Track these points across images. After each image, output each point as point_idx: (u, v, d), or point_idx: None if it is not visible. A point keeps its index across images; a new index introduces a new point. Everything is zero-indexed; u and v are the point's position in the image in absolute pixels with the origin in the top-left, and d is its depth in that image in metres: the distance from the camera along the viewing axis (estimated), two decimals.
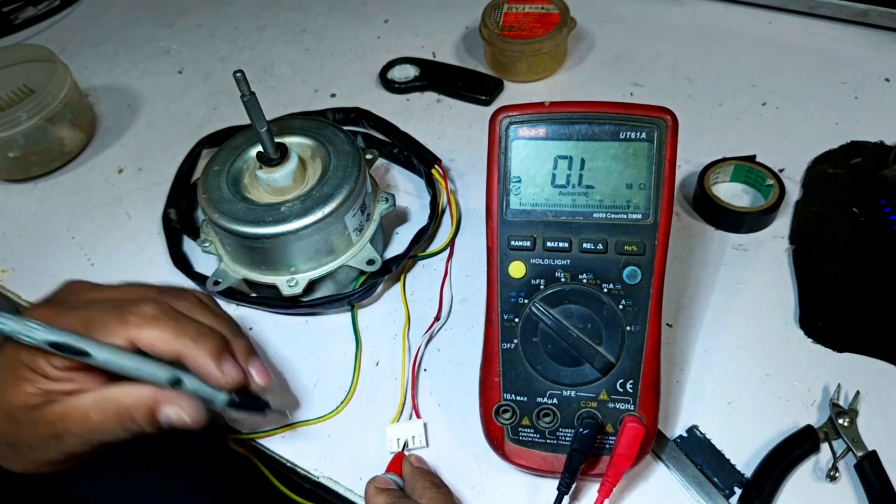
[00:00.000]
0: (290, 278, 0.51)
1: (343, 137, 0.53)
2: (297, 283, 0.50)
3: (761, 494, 0.41)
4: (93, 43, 0.83)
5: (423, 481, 0.41)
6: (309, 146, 0.54)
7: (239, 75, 0.44)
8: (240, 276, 0.52)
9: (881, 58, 0.69)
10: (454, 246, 0.57)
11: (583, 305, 0.41)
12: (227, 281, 0.52)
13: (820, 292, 0.51)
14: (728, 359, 0.48)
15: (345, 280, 0.53)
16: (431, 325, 0.51)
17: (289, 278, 0.51)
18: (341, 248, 0.52)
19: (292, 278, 0.51)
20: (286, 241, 0.48)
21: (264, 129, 0.47)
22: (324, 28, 0.81)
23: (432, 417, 0.47)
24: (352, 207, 0.50)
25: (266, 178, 0.50)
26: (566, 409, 0.41)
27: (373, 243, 0.53)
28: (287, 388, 0.49)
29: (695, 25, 0.75)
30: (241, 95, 0.45)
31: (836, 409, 0.44)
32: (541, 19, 0.69)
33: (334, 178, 0.50)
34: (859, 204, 0.56)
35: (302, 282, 0.51)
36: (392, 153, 0.64)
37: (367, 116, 0.67)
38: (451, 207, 0.58)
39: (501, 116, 0.42)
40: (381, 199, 0.55)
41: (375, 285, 0.52)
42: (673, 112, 0.40)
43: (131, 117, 0.73)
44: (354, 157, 0.51)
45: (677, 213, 0.57)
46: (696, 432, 0.45)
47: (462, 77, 0.71)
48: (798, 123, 0.63)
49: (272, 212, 0.49)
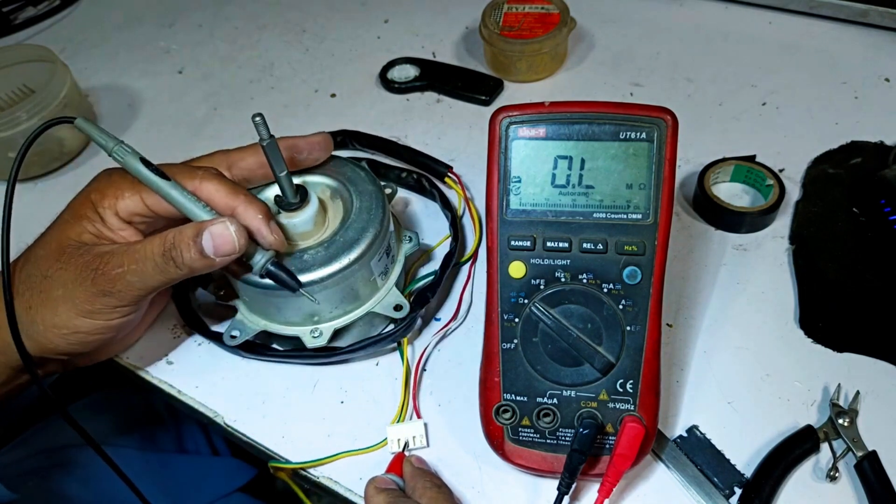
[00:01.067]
0: (314, 328, 0.48)
1: (364, 176, 0.50)
2: (322, 334, 0.47)
3: (761, 494, 0.41)
4: (93, 43, 0.83)
5: (424, 481, 0.41)
6: (328, 186, 0.51)
7: (258, 119, 0.42)
8: (259, 328, 0.49)
9: (881, 58, 0.69)
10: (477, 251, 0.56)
11: (583, 305, 0.41)
12: (245, 333, 0.49)
13: (820, 292, 0.51)
14: (728, 359, 0.48)
15: (369, 325, 0.51)
16: (445, 326, 0.51)
17: (312, 328, 0.48)
18: (366, 294, 0.49)
19: (316, 328, 0.48)
20: (310, 290, 0.45)
21: (284, 174, 0.44)
22: (324, 28, 0.81)
23: (432, 417, 0.47)
24: (378, 252, 0.47)
25: (286, 224, 0.46)
26: (566, 409, 0.41)
27: (397, 285, 0.50)
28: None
29: (695, 25, 0.75)
30: (261, 140, 0.42)
31: (836, 409, 0.44)
32: (541, 19, 0.69)
33: (358, 222, 0.47)
34: (859, 204, 0.56)
35: (327, 332, 0.48)
36: (400, 178, 0.61)
37: (355, 137, 0.64)
38: (471, 215, 0.58)
39: (501, 116, 0.42)
40: (404, 238, 0.52)
41: (414, 319, 0.49)
42: (673, 112, 0.40)
43: (131, 117, 0.73)
44: (377, 196, 0.48)
45: (677, 213, 0.57)
46: (696, 432, 0.45)
47: (462, 77, 0.71)
48: (798, 123, 0.63)
49: (294, 260, 0.45)
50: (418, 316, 0.50)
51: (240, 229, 0.41)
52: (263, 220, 0.42)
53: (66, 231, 0.43)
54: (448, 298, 0.54)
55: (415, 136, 0.66)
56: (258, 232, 0.42)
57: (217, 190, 0.42)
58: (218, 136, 0.69)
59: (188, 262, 0.40)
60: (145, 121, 0.72)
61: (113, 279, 0.40)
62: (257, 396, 0.49)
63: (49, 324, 0.41)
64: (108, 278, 0.40)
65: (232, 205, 0.42)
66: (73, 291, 0.41)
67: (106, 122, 0.72)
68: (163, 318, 0.54)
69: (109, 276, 0.40)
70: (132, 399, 0.71)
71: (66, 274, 0.41)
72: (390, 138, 0.64)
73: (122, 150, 0.42)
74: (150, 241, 0.41)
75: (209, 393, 0.50)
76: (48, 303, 0.41)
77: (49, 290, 0.41)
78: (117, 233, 0.43)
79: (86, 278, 0.41)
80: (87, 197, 0.43)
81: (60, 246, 0.42)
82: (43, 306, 0.42)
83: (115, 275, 0.40)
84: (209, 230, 0.40)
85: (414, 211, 0.60)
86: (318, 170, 0.51)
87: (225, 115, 0.72)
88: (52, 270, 0.42)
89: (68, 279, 0.41)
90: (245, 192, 0.43)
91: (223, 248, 0.40)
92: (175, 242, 0.40)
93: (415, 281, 0.54)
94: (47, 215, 0.64)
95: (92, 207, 0.43)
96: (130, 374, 0.52)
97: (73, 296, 0.41)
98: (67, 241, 0.42)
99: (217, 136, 0.69)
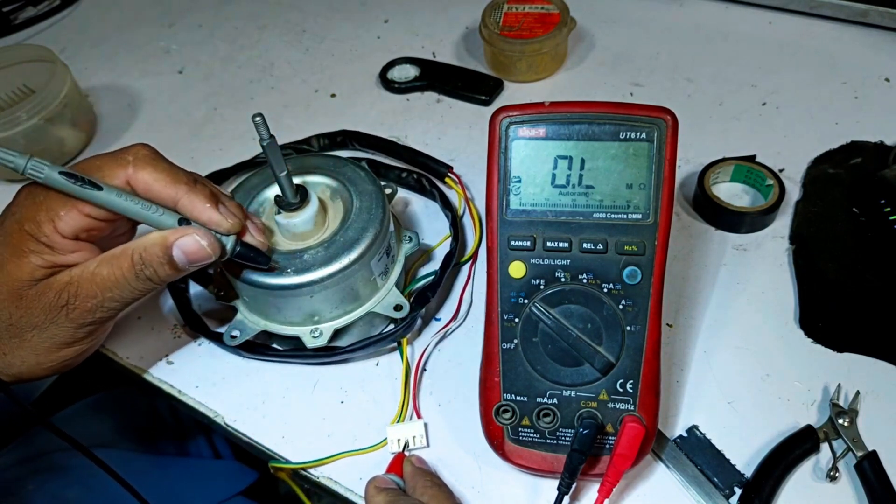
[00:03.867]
0: (314, 328, 0.48)
1: (364, 176, 0.50)
2: (322, 334, 0.48)
3: (761, 494, 0.41)
4: (93, 43, 0.83)
5: (424, 481, 0.41)
6: (328, 186, 0.51)
7: (258, 119, 0.41)
8: (259, 328, 0.49)
9: (881, 58, 0.69)
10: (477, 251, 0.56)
11: (583, 305, 0.41)
12: (245, 333, 0.49)
13: (820, 292, 0.51)
14: (728, 359, 0.48)
15: (369, 325, 0.51)
16: (446, 326, 0.51)
17: (312, 328, 0.48)
18: (366, 294, 0.49)
19: (316, 328, 0.48)
20: (310, 290, 0.45)
21: (284, 174, 0.44)
22: (324, 28, 0.81)
23: (432, 417, 0.47)
24: (378, 252, 0.47)
25: (286, 224, 0.46)
26: (566, 409, 0.41)
27: (397, 285, 0.50)
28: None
29: (695, 25, 0.75)
30: (261, 140, 0.42)
31: (836, 409, 0.44)
32: (541, 19, 0.69)
33: (358, 222, 0.47)
34: (859, 204, 0.56)
35: (327, 332, 0.48)
36: (400, 177, 0.61)
37: (355, 138, 0.64)
38: (471, 215, 0.58)
39: (501, 116, 0.42)
40: (404, 238, 0.52)
41: (414, 319, 0.49)
42: (673, 112, 0.40)
43: (131, 117, 0.73)
44: (377, 197, 0.49)
45: (677, 213, 0.57)
46: (696, 432, 0.45)
47: (462, 77, 0.71)
48: (798, 123, 0.63)
49: (294, 260, 0.45)
50: (418, 316, 0.50)
51: (208, 235, 0.39)
52: (212, 207, 0.39)
53: (13, 273, 0.37)
54: (448, 298, 0.54)
55: (415, 136, 0.66)
56: (210, 220, 0.39)
57: (155, 180, 0.38)
58: (218, 136, 0.69)
59: (163, 277, 0.39)
60: (145, 121, 0.72)
61: (90, 310, 0.38)
62: (257, 396, 0.49)
63: (31, 362, 0.39)
64: (85, 310, 0.38)
65: (174, 196, 0.39)
66: (49, 330, 0.38)
67: (106, 122, 0.72)
68: (163, 318, 0.54)
69: (85, 309, 0.38)
70: (137, 401, 0.71)
71: (34, 317, 0.38)
72: (390, 138, 0.64)
73: (38, 165, 0.36)
74: (117, 264, 0.38)
75: (209, 393, 0.50)
76: (23, 345, 0.39)
77: (19, 333, 0.39)
78: (70, 256, 0.38)
79: (57, 316, 0.38)
80: (21, 229, 0.37)
81: (13, 290, 0.38)
82: (19, 349, 0.39)
83: (91, 306, 0.38)
84: (177, 245, 0.38)
85: (414, 211, 0.60)
86: (319, 170, 0.51)
87: (225, 115, 0.72)
88: (14, 317, 0.38)
89: (38, 321, 0.38)
90: (185, 176, 0.39)
91: (196, 257, 0.39)
92: (145, 261, 0.38)
93: (415, 281, 0.54)
94: None
95: (32, 238, 0.37)
96: (130, 375, 0.52)
97: (51, 334, 0.39)
98: (19, 284, 0.37)
99: (217, 136, 0.69)
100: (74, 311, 0.38)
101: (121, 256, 0.38)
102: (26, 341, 0.39)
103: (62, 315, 0.38)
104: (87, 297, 0.38)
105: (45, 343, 0.39)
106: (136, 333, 0.53)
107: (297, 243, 0.47)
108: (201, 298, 0.55)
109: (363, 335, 0.50)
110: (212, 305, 0.54)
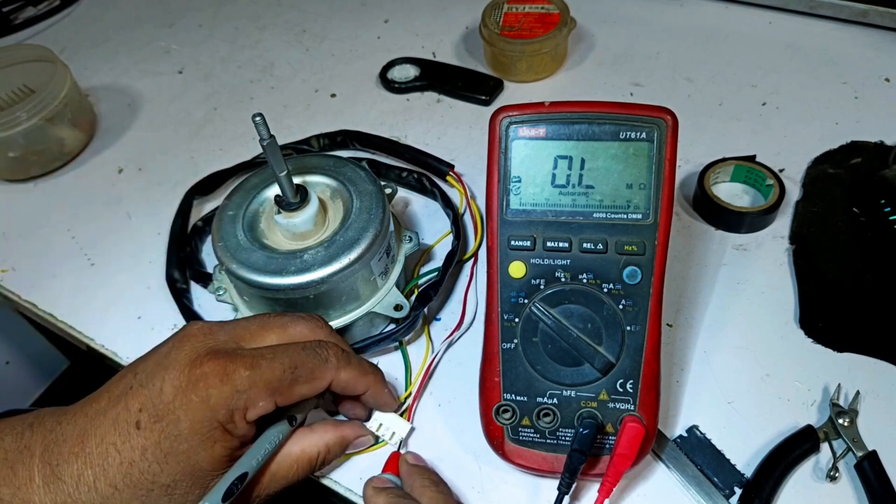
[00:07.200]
0: None
1: (364, 176, 0.50)
2: None
3: (761, 494, 0.41)
4: (93, 43, 0.83)
5: (422, 479, 0.41)
6: (328, 186, 0.51)
7: (259, 119, 0.41)
8: None
9: (881, 58, 0.69)
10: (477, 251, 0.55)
11: (583, 305, 0.41)
12: None
13: (820, 292, 0.51)
14: (728, 359, 0.48)
15: (370, 325, 0.51)
16: (452, 333, 0.50)
17: None
18: (366, 294, 0.48)
19: None
20: (310, 290, 0.45)
21: (284, 174, 0.44)
22: (324, 28, 0.81)
23: (432, 417, 0.47)
24: (378, 251, 0.47)
25: (286, 224, 0.46)
26: (566, 409, 0.41)
27: (397, 285, 0.50)
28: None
29: (695, 25, 0.75)
30: (261, 139, 0.42)
31: (836, 409, 0.44)
32: (541, 19, 0.69)
33: (358, 222, 0.47)
34: (859, 204, 0.56)
35: None
36: (401, 177, 0.61)
37: (355, 137, 0.64)
38: (472, 214, 0.57)
39: (501, 116, 0.42)
40: (404, 238, 0.52)
41: (416, 319, 0.49)
42: (673, 112, 0.40)
43: (131, 117, 0.73)
44: (377, 196, 0.48)
45: (677, 213, 0.57)
46: (696, 432, 0.45)
47: (462, 77, 0.71)
48: (798, 123, 0.63)
49: (294, 260, 0.45)
50: (419, 315, 0.50)
51: (368, 429, 0.44)
52: (389, 393, 0.44)
53: (203, 465, 0.36)
54: (449, 299, 0.54)
55: (415, 136, 0.66)
56: (388, 404, 0.45)
57: (353, 377, 0.41)
58: (218, 136, 0.69)
59: (331, 460, 0.42)
60: (145, 121, 0.72)
61: (252, 499, 0.39)
62: None
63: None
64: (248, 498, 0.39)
65: (367, 385, 0.42)
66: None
67: (106, 122, 0.72)
68: (163, 318, 0.54)
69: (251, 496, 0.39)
70: None
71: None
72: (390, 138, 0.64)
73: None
74: (300, 467, 0.40)
75: None
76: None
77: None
78: (244, 440, 0.38)
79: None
80: (214, 417, 0.36)
81: (198, 479, 0.37)
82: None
83: (255, 494, 0.39)
84: (355, 444, 0.44)
85: (414, 211, 0.60)
86: (319, 170, 0.51)
87: (225, 115, 0.72)
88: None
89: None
90: (368, 365, 0.42)
91: (361, 446, 0.45)
92: (326, 461, 0.42)
93: (415, 280, 0.54)
94: (47, 215, 0.64)
95: (220, 428, 0.36)
96: None
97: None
98: (199, 470, 0.36)
99: (217, 136, 0.69)
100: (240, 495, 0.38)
101: (301, 454, 0.41)
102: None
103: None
104: (260, 487, 0.39)
105: None
106: (137, 333, 0.53)
107: (297, 243, 0.47)
108: (201, 298, 0.55)
109: (363, 335, 0.50)
110: (212, 305, 0.54)
